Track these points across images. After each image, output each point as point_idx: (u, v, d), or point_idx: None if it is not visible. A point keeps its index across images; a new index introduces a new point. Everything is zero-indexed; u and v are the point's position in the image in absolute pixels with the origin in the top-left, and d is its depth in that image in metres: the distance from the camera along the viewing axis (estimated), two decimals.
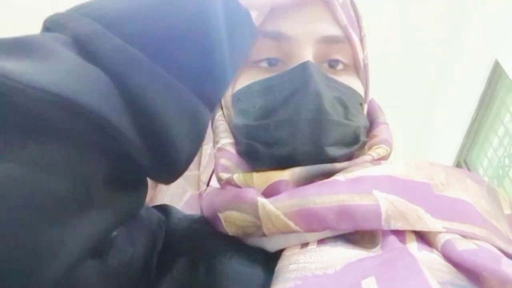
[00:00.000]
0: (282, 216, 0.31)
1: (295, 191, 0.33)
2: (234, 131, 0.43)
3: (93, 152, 0.21)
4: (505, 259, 0.27)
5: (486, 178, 1.87)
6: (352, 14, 0.43)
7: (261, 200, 0.32)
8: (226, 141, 0.42)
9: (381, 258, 0.27)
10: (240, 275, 0.30)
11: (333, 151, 0.38)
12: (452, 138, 2.09)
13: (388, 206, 0.30)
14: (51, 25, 0.25)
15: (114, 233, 0.27)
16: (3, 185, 0.17)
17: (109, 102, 0.21)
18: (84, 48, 0.23)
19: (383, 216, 0.30)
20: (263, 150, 0.39)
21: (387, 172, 0.34)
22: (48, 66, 0.20)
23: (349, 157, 0.40)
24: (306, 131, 0.37)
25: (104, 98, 0.21)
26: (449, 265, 0.28)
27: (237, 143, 0.42)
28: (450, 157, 2.14)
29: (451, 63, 2.04)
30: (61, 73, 0.20)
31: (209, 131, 0.47)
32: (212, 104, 0.28)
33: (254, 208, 0.32)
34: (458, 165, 2.11)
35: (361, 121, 0.42)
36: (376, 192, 0.31)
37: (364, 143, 0.43)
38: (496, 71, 1.72)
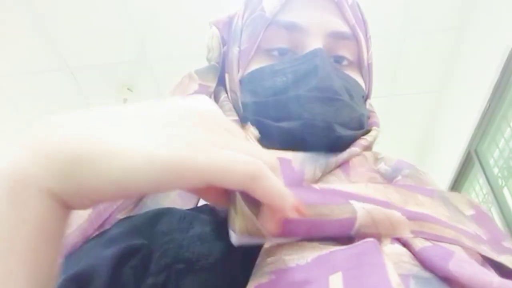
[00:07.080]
0: (255, 220, 0.30)
1: None
2: (242, 108, 0.44)
3: None
4: (456, 255, 0.28)
5: (496, 169, 1.85)
6: (359, 15, 0.47)
7: (239, 201, 0.31)
8: (232, 118, 0.43)
9: (350, 251, 0.27)
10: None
11: (340, 130, 0.40)
12: (463, 127, 2.06)
13: (365, 218, 0.30)
14: None
15: None
16: None
17: None
18: None
19: (355, 227, 0.30)
20: (271, 124, 0.40)
21: (352, 190, 0.34)
22: None
23: (353, 140, 0.42)
24: (317, 106, 0.38)
25: None
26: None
27: (242, 120, 0.43)
28: (460, 147, 2.11)
29: (464, 51, 1.99)
30: None
31: None
32: None
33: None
34: (468, 155, 2.08)
35: (364, 111, 0.45)
36: (353, 202, 0.31)
37: (367, 132, 0.45)
38: (511, 59, 1.67)
